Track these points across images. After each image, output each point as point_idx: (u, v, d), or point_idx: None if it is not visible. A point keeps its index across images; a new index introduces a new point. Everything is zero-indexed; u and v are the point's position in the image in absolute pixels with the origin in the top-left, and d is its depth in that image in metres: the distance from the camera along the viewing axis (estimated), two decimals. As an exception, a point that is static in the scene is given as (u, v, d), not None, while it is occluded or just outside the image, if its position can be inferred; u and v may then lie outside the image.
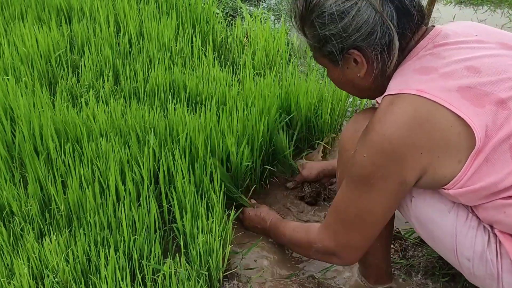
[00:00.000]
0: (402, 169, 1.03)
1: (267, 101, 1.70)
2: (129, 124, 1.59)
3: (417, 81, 1.02)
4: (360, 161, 1.07)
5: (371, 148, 1.04)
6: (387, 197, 1.08)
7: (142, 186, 1.38)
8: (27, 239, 1.30)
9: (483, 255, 1.08)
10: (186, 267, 1.24)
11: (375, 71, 1.08)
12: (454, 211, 1.11)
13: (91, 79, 1.94)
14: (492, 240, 1.08)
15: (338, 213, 1.16)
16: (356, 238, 1.16)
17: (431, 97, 0.99)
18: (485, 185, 1.01)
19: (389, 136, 1.01)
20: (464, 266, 1.12)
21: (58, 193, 1.40)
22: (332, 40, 1.07)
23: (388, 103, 1.04)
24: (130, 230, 1.29)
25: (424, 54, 1.07)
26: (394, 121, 1.01)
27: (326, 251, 1.21)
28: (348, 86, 1.19)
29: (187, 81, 1.88)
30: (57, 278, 1.20)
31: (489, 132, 0.98)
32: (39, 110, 1.65)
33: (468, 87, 1.00)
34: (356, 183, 1.10)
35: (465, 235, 1.10)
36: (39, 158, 1.48)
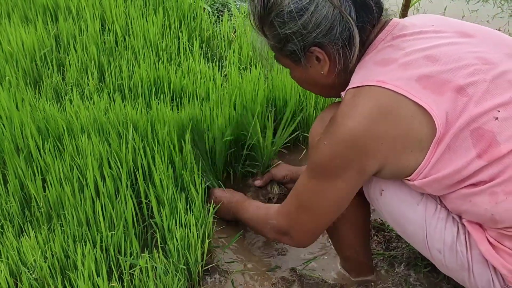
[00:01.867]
0: (362, 159, 1.04)
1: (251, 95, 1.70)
2: (111, 121, 1.59)
3: (377, 73, 1.03)
4: (321, 149, 1.07)
5: (332, 138, 1.05)
6: (344, 185, 1.09)
7: (121, 182, 1.37)
8: (7, 236, 1.30)
9: (453, 247, 1.09)
10: (163, 262, 1.23)
11: (338, 67, 1.08)
12: (423, 204, 1.12)
13: (76, 77, 1.94)
14: (461, 231, 1.09)
15: (295, 195, 1.18)
16: (308, 220, 1.17)
17: (392, 87, 1.00)
18: (448, 173, 1.01)
19: (351, 127, 1.02)
20: (436, 259, 1.12)
21: (38, 191, 1.40)
22: (293, 38, 1.06)
23: (350, 96, 1.05)
24: (108, 225, 1.28)
25: (384, 46, 1.07)
26: (356, 112, 1.02)
27: (279, 230, 1.24)
28: (312, 85, 1.20)
29: (171, 77, 1.87)
30: (34, 275, 1.20)
31: (450, 119, 0.98)
32: (21, 108, 1.65)
33: (427, 76, 1.00)
34: (314, 169, 1.11)
35: (435, 228, 1.10)
36: (20, 156, 1.48)
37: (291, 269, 1.42)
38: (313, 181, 1.12)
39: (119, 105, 1.68)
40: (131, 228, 1.30)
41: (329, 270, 1.42)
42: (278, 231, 1.24)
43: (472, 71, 1.01)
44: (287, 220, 1.21)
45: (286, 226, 1.22)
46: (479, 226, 1.06)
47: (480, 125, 0.98)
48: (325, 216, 1.17)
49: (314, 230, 1.20)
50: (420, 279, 1.39)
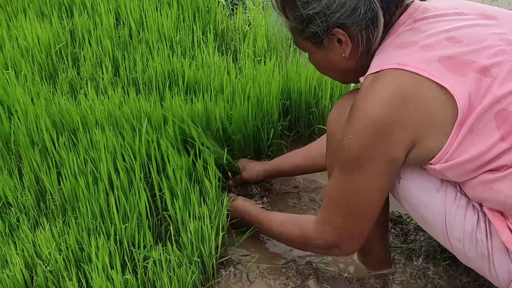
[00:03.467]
0: (390, 147, 1.00)
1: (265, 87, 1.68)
2: (125, 114, 1.58)
3: (397, 56, 1.00)
4: (347, 144, 1.04)
5: (356, 128, 1.02)
6: (379, 177, 1.05)
7: (134, 174, 1.37)
8: (22, 229, 1.30)
9: (473, 235, 1.05)
10: (177, 254, 1.22)
11: (360, 49, 1.05)
12: (442, 191, 1.08)
13: (91, 71, 1.94)
14: (482, 219, 1.05)
15: (333, 204, 1.13)
16: (356, 226, 1.12)
17: (413, 69, 0.97)
18: (471, 157, 0.98)
19: (372, 114, 0.99)
20: (456, 248, 1.09)
21: (53, 184, 1.40)
22: (315, 19, 1.04)
23: (370, 81, 1.02)
24: (121, 218, 1.28)
25: (404, 30, 1.04)
26: (377, 98, 0.99)
27: (328, 245, 1.17)
28: (331, 70, 1.17)
29: (186, 70, 1.86)
30: (49, 267, 1.20)
31: (473, 101, 0.95)
32: (36, 102, 1.66)
33: (449, 57, 0.97)
34: (346, 168, 1.07)
35: (455, 215, 1.07)
36: (35, 150, 1.48)
37: (306, 262, 1.40)
38: (347, 180, 1.08)
39: (133, 98, 1.68)
40: (145, 221, 1.29)
41: (346, 264, 1.40)
42: (326, 247, 1.18)
43: (496, 51, 0.98)
44: (333, 233, 1.15)
45: (334, 240, 1.15)
46: (500, 214, 1.02)
47: (505, 106, 0.95)
48: (370, 216, 1.11)
49: (363, 234, 1.14)
50: (439, 272, 1.36)
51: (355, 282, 1.34)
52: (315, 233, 1.18)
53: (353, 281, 1.34)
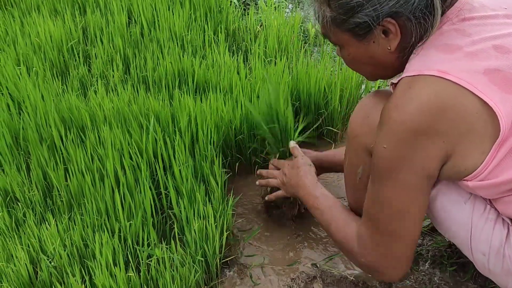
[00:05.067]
0: (425, 160, 0.94)
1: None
2: (133, 112, 1.59)
3: (439, 61, 0.92)
4: (381, 154, 0.97)
5: (390, 138, 0.95)
6: (413, 191, 0.98)
7: (141, 172, 1.37)
8: (28, 225, 1.31)
9: (500, 250, 0.99)
10: (181, 253, 1.22)
11: (411, 41, 0.97)
12: (470, 202, 1.03)
13: (102, 69, 1.95)
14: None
15: (374, 221, 1.04)
16: (399, 247, 1.03)
17: (455, 79, 0.89)
18: (507, 179, 0.92)
19: (408, 124, 0.91)
20: (479, 261, 1.03)
21: (60, 180, 1.41)
22: (365, 7, 0.94)
23: (406, 86, 0.94)
24: (126, 215, 1.28)
25: (449, 29, 0.96)
26: (413, 107, 0.91)
27: (369, 267, 1.08)
28: (366, 64, 1.07)
29: (196, 69, 1.86)
30: (53, 263, 1.20)
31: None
32: (46, 98, 1.67)
33: (496, 70, 0.90)
34: (381, 179, 1.00)
35: (482, 229, 1.01)
36: (43, 145, 1.49)
37: (312, 264, 1.39)
38: (381, 192, 1.00)
39: (142, 97, 1.68)
40: (150, 219, 1.29)
41: (351, 267, 1.38)
42: (369, 268, 1.09)
43: None
44: (376, 254, 1.06)
45: (376, 262, 1.06)
46: None
47: None
48: (413, 233, 1.02)
49: (407, 256, 1.05)
50: (445, 278, 1.34)
51: (360, 285, 1.32)
52: (358, 248, 1.10)
53: (358, 284, 1.33)
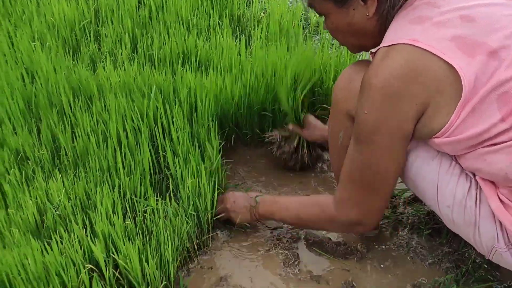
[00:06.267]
0: (401, 120, 1.05)
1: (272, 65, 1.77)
2: (137, 84, 1.70)
3: (410, 31, 1.03)
4: (362, 119, 1.09)
5: (369, 103, 1.06)
6: (392, 151, 1.10)
7: (141, 134, 1.48)
8: (37, 180, 1.42)
9: (463, 202, 1.10)
10: (174, 206, 1.32)
11: (385, 6, 1.09)
12: (437, 159, 1.13)
13: (111, 47, 2.07)
14: (473, 187, 1.10)
15: (353, 182, 1.17)
16: (378, 200, 1.17)
17: (424, 46, 1.00)
18: (470, 135, 1.02)
19: (385, 89, 1.03)
20: (445, 214, 1.14)
21: (67, 141, 1.52)
22: None
23: (382, 55, 1.06)
24: (126, 172, 1.39)
25: (419, 3, 1.07)
26: (388, 73, 1.03)
27: (351, 223, 1.22)
28: (349, 33, 1.19)
29: (199, 49, 1.97)
30: (58, 212, 1.31)
31: (478, 82, 0.99)
32: (58, 70, 1.79)
33: (461, 37, 1.00)
34: (361, 142, 1.11)
35: (447, 183, 1.12)
36: (53, 111, 1.61)
37: (294, 228, 1.48)
38: (362, 154, 1.12)
39: (147, 72, 1.79)
40: (147, 176, 1.40)
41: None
42: (349, 224, 1.23)
43: (508, 34, 1.00)
44: (358, 212, 1.19)
45: (358, 217, 1.20)
46: (492, 184, 1.07)
47: (507, 89, 0.98)
48: (389, 189, 1.16)
49: (383, 208, 1.20)
50: (422, 242, 1.43)
51: (342, 245, 1.42)
52: (338, 212, 1.23)
53: (340, 245, 1.42)
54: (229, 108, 1.69)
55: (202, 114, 1.57)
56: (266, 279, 1.34)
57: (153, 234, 1.26)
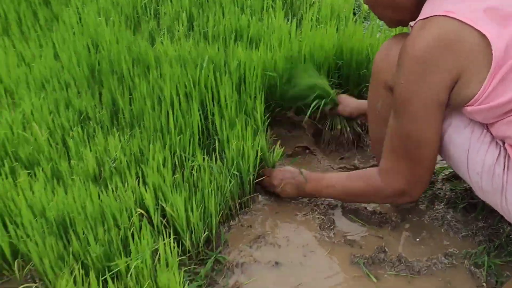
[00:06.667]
0: (435, 90, 1.11)
1: (319, 44, 1.84)
2: (192, 56, 1.81)
3: (446, 4, 1.09)
4: (400, 89, 1.15)
5: (405, 73, 1.13)
6: (431, 121, 1.15)
7: (192, 99, 1.58)
8: (97, 137, 1.56)
9: (491, 169, 1.14)
10: (219, 165, 1.42)
11: None
12: (470, 127, 1.18)
13: (169, 24, 2.20)
14: (502, 154, 1.13)
15: (395, 152, 1.22)
16: (421, 170, 1.22)
17: (459, 17, 1.06)
18: (500, 103, 1.07)
19: (420, 58, 1.09)
20: (474, 181, 1.18)
21: (125, 104, 1.65)
22: None
23: (419, 27, 1.12)
24: (177, 132, 1.50)
25: None
26: (423, 44, 1.09)
27: (397, 193, 1.27)
28: (387, 7, 1.24)
29: (251, 27, 2.06)
30: (114, 164, 1.44)
31: (509, 51, 1.03)
32: (119, 41, 1.93)
33: (493, 8, 1.05)
34: (401, 113, 1.17)
35: (477, 150, 1.16)
36: (114, 77, 1.74)
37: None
38: (402, 124, 1.17)
39: (201, 46, 1.90)
40: (196, 136, 1.50)
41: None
42: (395, 195, 1.27)
43: None
44: (403, 182, 1.24)
45: (404, 188, 1.24)
46: None
47: None
48: (432, 155, 1.20)
49: (428, 174, 1.23)
50: (457, 216, 1.46)
51: (377, 214, 1.47)
52: (383, 183, 1.28)
53: (375, 214, 1.47)
54: (275, 83, 1.77)
55: (250, 85, 1.65)
56: (301, 239, 1.41)
57: (198, 188, 1.36)
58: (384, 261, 1.34)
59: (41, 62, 1.90)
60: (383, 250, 1.36)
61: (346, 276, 1.31)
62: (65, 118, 1.62)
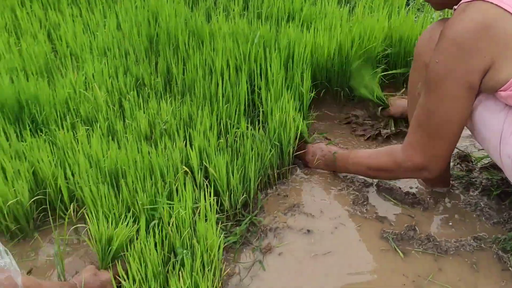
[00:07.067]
0: (468, 72, 1.15)
1: (369, 29, 1.88)
2: (245, 32, 1.89)
3: None
4: (433, 67, 1.19)
5: (441, 53, 1.17)
6: (459, 101, 1.19)
7: (242, 71, 1.67)
8: (150, 101, 1.67)
9: None
10: (261, 134, 1.50)
11: None
12: (504, 112, 1.20)
13: (225, 3, 2.29)
14: None
15: (420, 127, 1.27)
16: (442, 146, 1.26)
17: (498, 3, 1.10)
18: None
19: (457, 40, 1.13)
20: (506, 164, 1.21)
21: (179, 73, 1.75)
22: None
23: (461, 10, 1.16)
24: (225, 101, 1.59)
25: None
26: (462, 26, 1.13)
27: (416, 167, 1.31)
28: None
29: (304, 10, 2.12)
30: (165, 126, 1.55)
31: None
32: (178, 15, 2.03)
33: None
34: (430, 90, 1.21)
35: (510, 134, 1.18)
36: (170, 48, 1.85)
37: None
38: (431, 101, 1.21)
39: (254, 25, 1.98)
40: (242, 106, 1.59)
41: (406, 180, 1.57)
42: (415, 169, 1.31)
43: None
44: (423, 156, 1.27)
45: (423, 161, 1.28)
46: None
47: None
48: (454, 137, 1.24)
49: (448, 154, 1.28)
50: (490, 204, 1.48)
51: (410, 195, 1.51)
52: (404, 157, 1.33)
53: (409, 194, 1.52)
54: (323, 63, 1.83)
55: (297, 63, 1.72)
56: (334, 212, 1.48)
57: (240, 153, 1.45)
58: (413, 238, 1.38)
59: (104, 31, 2.03)
60: (413, 228, 1.41)
61: (374, 248, 1.36)
62: (122, 83, 1.74)
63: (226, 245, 1.34)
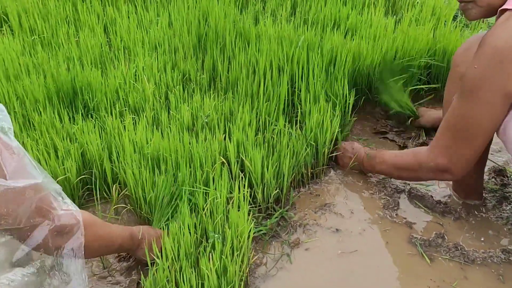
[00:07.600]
0: (506, 81, 1.15)
1: (412, 40, 1.90)
2: (290, 36, 1.95)
3: None
4: (471, 73, 1.20)
5: (481, 59, 1.17)
6: (491, 107, 1.19)
7: (283, 73, 1.73)
8: (195, 96, 1.75)
9: None
10: (298, 133, 1.55)
11: None
12: None
13: (273, 8, 2.36)
14: None
15: (448, 129, 1.27)
16: (467, 151, 1.26)
17: None
18: None
19: (498, 48, 1.14)
20: None
21: (224, 71, 1.83)
22: None
23: (504, 18, 1.16)
24: (265, 99, 1.65)
25: None
26: (504, 35, 1.13)
27: (439, 169, 1.32)
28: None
29: (350, 18, 2.16)
30: (206, 120, 1.62)
31: None
32: (227, 17, 2.12)
33: None
34: (464, 95, 1.22)
35: None
36: (217, 46, 1.93)
37: (403, 181, 1.61)
38: (463, 106, 1.21)
39: (299, 30, 2.04)
40: (281, 105, 1.65)
41: (439, 189, 1.58)
42: (437, 170, 1.31)
43: None
44: (446, 157, 1.28)
45: (446, 163, 1.29)
46: None
47: None
48: (481, 143, 1.24)
49: (472, 159, 1.27)
50: (523, 218, 1.47)
51: (442, 204, 1.52)
52: (428, 157, 1.33)
53: (440, 203, 1.53)
54: (364, 71, 1.86)
55: (339, 68, 1.77)
56: (364, 214, 1.51)
57: (276, 149, 1.50)
58: (440, 246, 1.39)
59: (156, 28, 2.14)
60: (442, 236, 1.42)
61: (400, 252, 1.39)
62: (170, 77, 1.83)
63: (255, 236, 1.40)
